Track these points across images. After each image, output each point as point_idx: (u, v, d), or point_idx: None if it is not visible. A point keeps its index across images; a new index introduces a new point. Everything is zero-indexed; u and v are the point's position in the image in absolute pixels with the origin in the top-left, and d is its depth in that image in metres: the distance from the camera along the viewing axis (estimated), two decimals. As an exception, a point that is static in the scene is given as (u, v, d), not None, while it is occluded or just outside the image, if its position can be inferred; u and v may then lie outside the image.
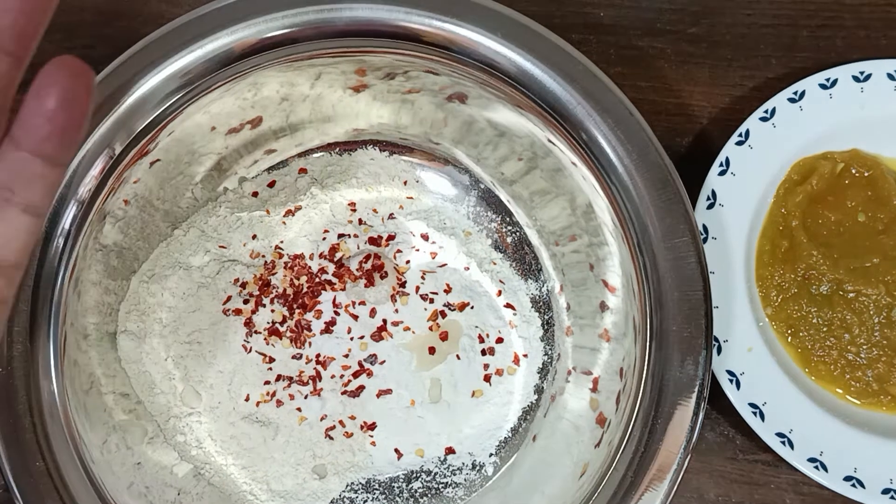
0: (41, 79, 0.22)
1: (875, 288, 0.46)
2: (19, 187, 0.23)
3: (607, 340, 0.45)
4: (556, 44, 0.41)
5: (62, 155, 0.23)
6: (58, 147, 0.23)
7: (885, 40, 0.52)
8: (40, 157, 0.23)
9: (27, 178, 0.23)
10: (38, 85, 0.22)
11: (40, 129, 0.22)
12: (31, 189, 0.23)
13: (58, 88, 0.22)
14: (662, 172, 0.40)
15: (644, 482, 0.38)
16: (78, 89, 0.22)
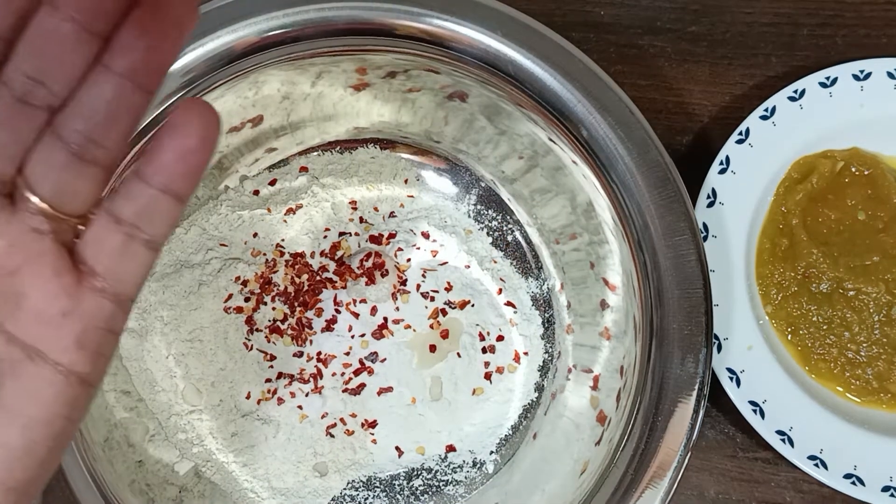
0: (174, 118, 0.23)
1: (875, 286, 0.46)
2: (145, 223, 0.24)
3: (608, 338, 0.45)
4: (557, 42, 0.41)
5: (189, 192, 0.24)
6: (187, 185, 0.24)
7: (885, 39, 0.52)
8: (168, 195, 0.24)
9: (154, 214, 0.24)
10: (172, 124, 0.23)
11: (173, 167, 0.23)
12: (155, 225, 0.24)
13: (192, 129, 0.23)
14: (663, 171, 0.41)
15: (644, 480, 0.38)
16: (210, 131, 0.23)
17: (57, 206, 0.24)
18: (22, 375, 0.24)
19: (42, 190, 0.23)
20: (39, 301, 0.24)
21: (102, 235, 0.24)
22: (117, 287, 0.24)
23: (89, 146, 0.23)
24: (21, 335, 0.24)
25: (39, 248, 0.24)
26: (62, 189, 0.24)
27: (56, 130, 0.23)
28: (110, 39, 0.22)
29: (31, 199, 0.23)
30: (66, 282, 0.24)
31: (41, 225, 0.24)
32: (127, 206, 0.24)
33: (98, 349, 0.24)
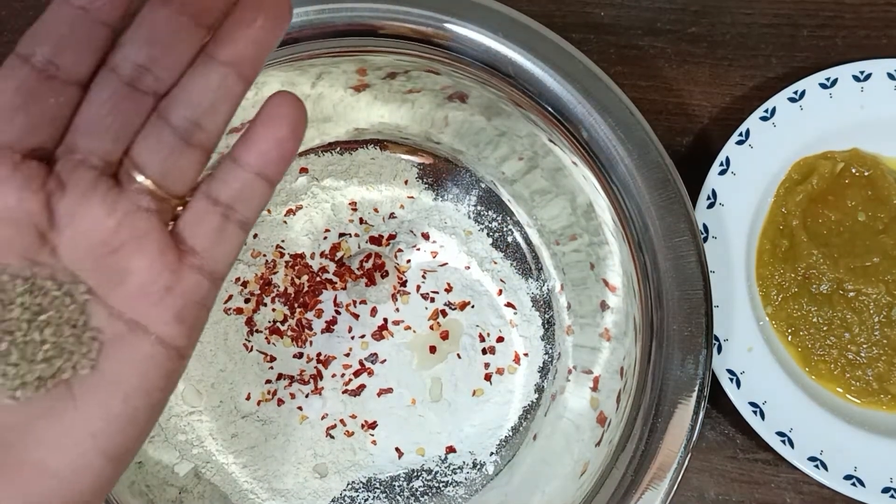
0: (269, 109, 0.25)
1: (875, 287, 0.46)
2: (240, 205, 0.26)
3: (608, 339, 0.45)
4: (557, 43, 0.41)
5: (279, 178, 0.26)
6: (279, 171, 0.26)
7: (885, 40, 0.52)
8: (262, 178, 0.26)
9: (248, 196, 0.26)
10: (268, 115, 0.25)
11: (269, 153, 0.25)
12: (249, 207, 0.26)
13: (287, 119, 0.25)
14: (663, 172, 0.40)
15: (644, 481, 0.38)
16: (299, 122, 0.25)
17: (162, 186, 0.25)
18: (124, 348, 0.25)
19: (149, 170, 0.25)
20: (143, 277, 0.25)
21: (201, 216, 0.26)
22: (213, 265, 0.26)
23: (194, 130, 0.25)
24: (124, 309, 0.25)
25: (145, 227, 0.25)
26: (168, 170, 0.25)
27: (163, 115, 0.25)
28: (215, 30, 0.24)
29: (139, 178, 0.25)
30: (168, 259, 0.25)
31: (147, 204, 0.25)
32: (224, 189, 0.25)
33: (194, 323, 0.26)
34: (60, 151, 0.25)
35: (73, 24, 0.23)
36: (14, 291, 0.24)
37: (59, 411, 0.24)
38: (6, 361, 0.24)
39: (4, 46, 0.52)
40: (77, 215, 0.24)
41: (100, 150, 0.24)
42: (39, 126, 0.24)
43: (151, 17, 0.24)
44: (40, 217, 0.24)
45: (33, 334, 0.24)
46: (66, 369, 0.24)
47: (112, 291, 0.25)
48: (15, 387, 0.24)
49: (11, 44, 0.21)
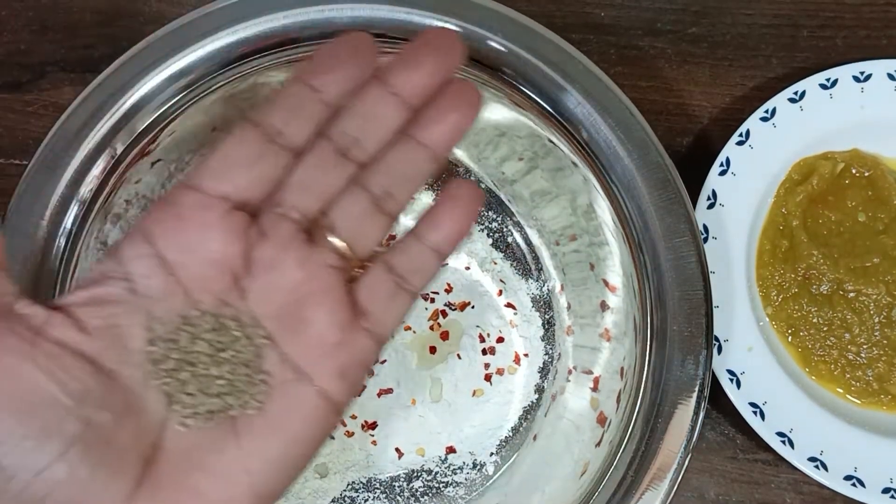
0: (453, 192, 0.28)
1: (875, 287, 0.46)
2: (413, 276, 0.28)
3: (608, 340, 0.45)
4: (557, 44, 0.41)
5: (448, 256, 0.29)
6: (453, 249, 0.28)
7: (885, 40, 0.52)
8: (436, 254, 0.28)
9: (422, 269, 0.28)
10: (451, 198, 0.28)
11: (449, 234, 0.28)
12: (420, 278, 0.28)
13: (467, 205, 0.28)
14: (663, 172, 0.40)
15: (644, 481, 0.38)
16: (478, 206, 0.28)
17: (350, 247, 0.27)
18: (289, 394, 0.26)
19: (342, 231, 0.27)
20: (320, 329, 0.26)
21: (378, 282, 0.28)
22: (380, 329, 0.28)
23: (387, 199, 0.28)
24: (295, 357, 0.26)
25: (330, 283, 0.27)
26: (358, 232, 0.28)
27: (361, 182, 0.27)
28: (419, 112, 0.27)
29: (332, 238, 0.27)
30: (344, 316, 0.27)
31: (334, 262, 0.27)
32: (403, 260, 0.28)
33: (354, 382, 0.27)
34: (265, 204, 0.27)
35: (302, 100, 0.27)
36: (202, 327, 0.25)
37: (222, 445, 0.25)
38: (184, 390, 0.25)
39: (4, 46, 0.52)
40: (273, 264, 0.26)
41: (302, 206, 0.27)
42: (255, 184, 0.26)
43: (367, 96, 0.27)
44: (238, 262, 0.26)
45: (212, 369, 0.25)
46: (236, 406, 0.25)
47: (288, 339, 0.26)
48: (187, 415, 0.25)
49: (11, 44, 0.22)
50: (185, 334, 0.25)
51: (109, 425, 0.24)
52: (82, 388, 0.23)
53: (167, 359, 0.25)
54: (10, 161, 0.51)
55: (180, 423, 0.25)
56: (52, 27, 0.53)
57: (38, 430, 0.22)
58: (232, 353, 0.25)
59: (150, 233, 0.26)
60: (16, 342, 0.23)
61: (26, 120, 0.52)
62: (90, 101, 0.40)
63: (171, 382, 0.25)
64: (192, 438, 0.25)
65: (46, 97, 0.52)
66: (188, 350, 0.25)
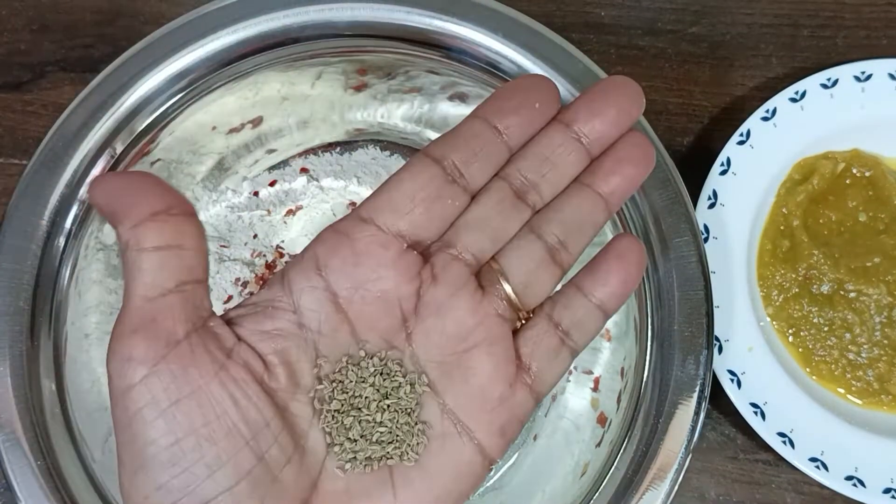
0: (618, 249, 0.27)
1: (876, 287, 0.46)
2: (576, 332, 0.27)
3: (608, 340, 0.45)
4: (557, 43, 0.41)
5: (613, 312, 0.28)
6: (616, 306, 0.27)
7: (885, 40, 0.52)
8: (601, 311, 0.27)
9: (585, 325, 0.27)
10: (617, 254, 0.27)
11: (615, 290, 0.27)
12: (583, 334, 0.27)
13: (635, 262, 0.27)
14: (663, 172, 0.40)
15: (645, 482, 0.38)
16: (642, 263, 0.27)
17: (520, 297, 0.26)
18: (447, 446, 0.25)
19: (514, 279, 0.26)
20: (485, 381, 0.25)
21: (541, 336, 0.27)
22: (540, 385, 0.27)
23: (560, 249, 0.26)
24: (456, 409, 0.25)
25: (498, 333, 0.26)
26: (530, 282, 0.26)
27: (535, 230, 0.26)
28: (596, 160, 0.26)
29: (504, 286, 0.26)
30: (509, 370, 0.26)
31: (505, 311, 0.26)
32: (567, 315, 0.27)
33: (511, 438, 0.26)
34: (437, 245, 0.26)
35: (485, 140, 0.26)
36: (368, 370, 0.25)
37: (376, 493, 0.24)
38: (347, 434, 0.24)
39: (4, 46, 0.52)
40: (444, 306, 0.25)
41: (476, 247, 0.26)
42: (432, 223, 0.26)
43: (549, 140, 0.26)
44: (408, 304, 0.25)
45: (376, 415, 0.25)
46: (395, 456, 0.25)
47: (450, 389, 0.25)
48: (347, 459, 0.24)
49: (11, 43, 0.21)
50: (352, 375, 0.25)
51: (279, 462, 0.23)
52: (261, 421, 0.23)
53: (333, 399, 0.24)
54: (9, 161, 0.51)
55: (339, 466, 0.24)
56: (52, 27, 0.53)
57: (213, 457, 0.22)
58: (395, 399, 0.25)
59: (323, 264, 0.25)
60: (209, 361, 0.22)
61: (26, 119, 0.52)
62: (90, 101, 0.40)
63: (335, 424, 0.24)
64: (348, 483, 0.24)
65: (46, 97, 0.52)
66: (355, 393, 0.24)
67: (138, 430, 0.22)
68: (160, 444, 0.22)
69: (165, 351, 0.22)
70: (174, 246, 0.23)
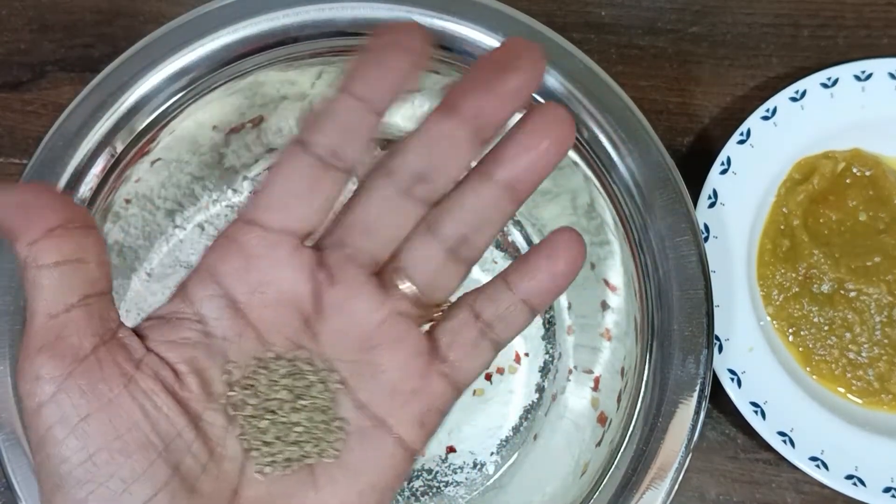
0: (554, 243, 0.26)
1: (876, 287, 0.46)
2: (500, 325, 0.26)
3: (608, 339, 0.45)
4: (557, 43, 0.41)
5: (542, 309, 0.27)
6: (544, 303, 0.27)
7: (886, 39, 0.52)
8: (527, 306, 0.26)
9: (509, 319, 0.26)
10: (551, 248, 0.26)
11: (542, 285, 0.26)
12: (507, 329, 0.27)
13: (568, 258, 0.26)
14: (664, 171, 0.40)
15: (645, 481, 0.38)
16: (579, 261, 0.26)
17: (424, 295, 0.26)
18: (366, 442, 0.25)
19: (416, 279, 0.26)
20: (395, 377, 0.25)
21: (461, 328, 0.26)
22: (459, 376, 0.26)
23: (461, 246, 0.26)
24: (371, 405, 0.25)
25: (404, 330, 0.26)
26: (433, 281, 0.26)
27: (433, 227, 0.25)
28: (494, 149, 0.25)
29: (404, 286, 0.26)
30: (420, 363, 0.26)
31: (408, 309, 0.26)
32: (490, 307, 0.26)
33: (431, 428, 0.26)
34: (330, 243, 0.25)
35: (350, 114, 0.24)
36: (278, 372, 0.25)
37: (298, 493, 0.24)
38: (263, 437, 0.24)
39: (4, 45, 0.52)
40: (344, 308, 0.25)
41: (370, 250, 0.25)
42: (317, 213, 0.25)
43: (434, 128, 0.25)
44: (309, 303, 0.25)
45: (291, 415, 0.24)
46: (313, 455, 0.25)
47: (363, 386, 0.25)
48: (265, 463, 0.24)
49: (11, 43, 0.21)
50: (263, 379, 0.24)
51: (195, 471, 0.23)
52: (173, 431, 0.22)
53: (246, 405, 0.24)
54: (9, 160, 0.51)
55: (258, 470, 0.24)
56: (51, 26, 0.52)
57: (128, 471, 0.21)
58: (309, 399, 0.25)
59: (216, 272, 0.24)
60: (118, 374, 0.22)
61: (26, 119, 0.52)
62: (90, 101, 0.40)
63: (251, 429, 0.24)
64: (269, 487, 0.24)
65: (46, 96, 0.52)
66: (267, 396, 0.24)
67: (51, 450, 0.21)
68: (73, 461, 0.21)
69: (72, 367, 0.22)
70: (74, 260, 0.22)
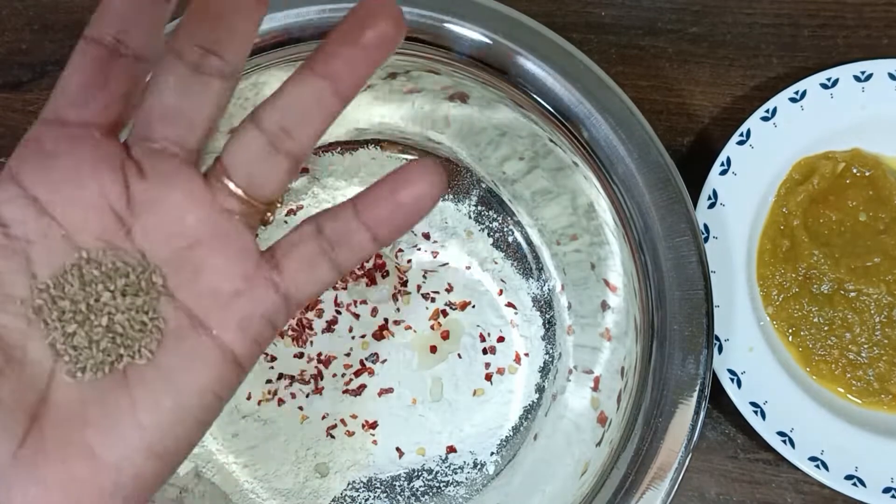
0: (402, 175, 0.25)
1: (876, 287, 0.46)
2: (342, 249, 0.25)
3: (608, 339, 0.45)
4: (558, 43, 0.41)
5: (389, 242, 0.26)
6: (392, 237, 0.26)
7: (886, 40, 0.52)
8: (371, 235, 0.25)
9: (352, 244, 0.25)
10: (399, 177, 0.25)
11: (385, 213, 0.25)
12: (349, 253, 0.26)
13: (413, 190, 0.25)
14: (664, 172, 0.40)
15: (645, 481, 0.38)
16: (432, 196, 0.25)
17: (248, 192, 0.25)
18: (182, 343, 0.24)
19: (237, 175, 0.25)
20: (216, 277, 0.25)
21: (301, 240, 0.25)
22: (291, 289, 0.25)
23: (284, 137, 0.24)
24: (190, 305, 0.24)
25: (227, 228, 0.25)
26: (255, 174, 0.25)
27: (255, 119, 0.24)
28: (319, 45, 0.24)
29: (228, 184, 0.25)
30: (245, 265, 0.25)
31: (233, 206, 0.25)
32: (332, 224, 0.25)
33: (256, 336, 0.25)
34: (133, 139, 0.25)
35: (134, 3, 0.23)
36: (90, 272, 0.24)
37: (112, 398, 0.23)
38: (71, 341, 0.23)
39: (5, 45, 0.52)
40: (157, 202, 0.24)
41: (174, 136, 0.24)
42: (114, 101, 0.24)
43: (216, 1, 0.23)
44: (118, 199, 0.24)
45: (101, 317, 0.24)
46: (126, 356, 0.24)
47: (181, 285, 0.24)
48: (75, 368, 0.23)
49: (12, 43, 0.21)
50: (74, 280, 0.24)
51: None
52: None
53: (53, 307, 0.23)
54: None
55: (69, 373, 0.23)
56: (53, 27, 0.53)
57: None
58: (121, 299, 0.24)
59: (18, 174, 0.24)
60: None
61: (27, 119, 0.52)
62: (91, 101, 0.40)
63: (57, 332, 0.23)
64: (81, 392, 0.23)
65: (47, 96, 0.51)
66: (75, 298, 0.23)
67: None
68: None
69: None
70: None
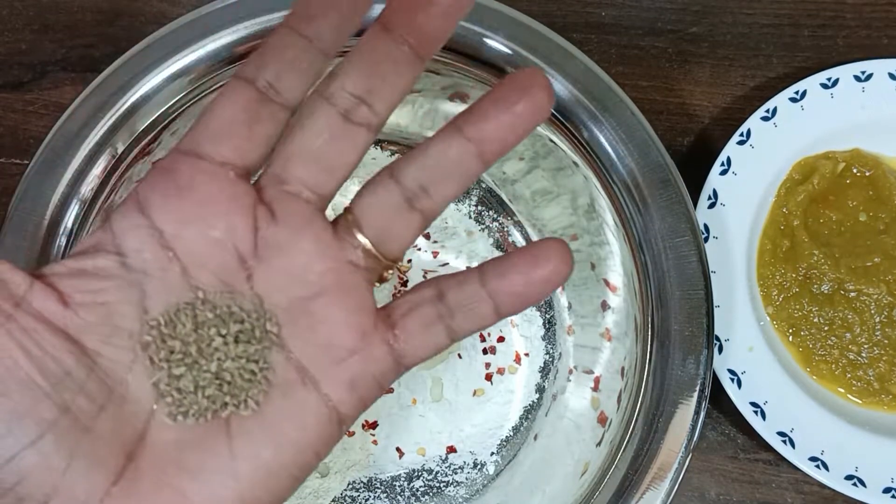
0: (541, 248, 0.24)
1: (876, 287, 0.46)
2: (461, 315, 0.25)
3: (608, 339, 0.45)
4: (558, 43, 0.41)
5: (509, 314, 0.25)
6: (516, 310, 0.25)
7: (886, 40, 0.52)
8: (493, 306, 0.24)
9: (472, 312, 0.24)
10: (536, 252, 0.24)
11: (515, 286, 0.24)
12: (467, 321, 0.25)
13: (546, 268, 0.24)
14: (664, 172, 0.40)
15: (645, 481, 0.38)
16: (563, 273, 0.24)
17: (378, 247, 0.24)
18: (291, 396, 0.23)
19: (368, 229, 0.24)
20: (333, 331, 0.24)
21: (420, 303, 0.25)
22: (404, 351, 0.25)
23: (421, 195, 0.24)
24: (302, 357, 0.24)
25: (351, 281, 0.24)
26: (386, 230, 0.24)
27: (394, 173, 0.24)
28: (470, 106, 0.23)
29: (358, 234, 0.24)
30: (363, 321, 0.24)
31: (359, 260, 0.24)
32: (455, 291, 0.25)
33: (364, 396, 0.24)
34: (267, 181, 0.24)
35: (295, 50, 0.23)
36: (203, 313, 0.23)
37: (210, 445, 0.23)
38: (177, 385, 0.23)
39: (5, 45, 0.52)
40: (285, 247, 0.24)
41: (311, 181, 0.24)
42: (256, 147, 0.24)
43: (370, 47, 0.24)
44: (244, 241, 0.23)
45: (212, 364, 0.23)
46: (231, 406, 0.23)
47: (296, 336, 0.24)
48: (177, 410, 0.23)
49: (12, 43, 0.21)
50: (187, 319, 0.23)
51: (89, 412, 0.22)
52: (61, 370, 0.21)
53: (162, 346, 0.23)
54: (10, 160, 0.51)
55: (169, 417, 0.23)
56: (53, 27, 0.53)
57: (8, 413, 0.21)
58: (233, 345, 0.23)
59: (146, 203, 0.23)
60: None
61: (27, 119, 0.52)
62: (91, 101, 0.40)
63: (163, 373, 0.23)
64: (180, 435, 0.23)
65: (47, 97, 0.52)
66: (186, 340, 0.23)
67: None
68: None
69: None
70: None
